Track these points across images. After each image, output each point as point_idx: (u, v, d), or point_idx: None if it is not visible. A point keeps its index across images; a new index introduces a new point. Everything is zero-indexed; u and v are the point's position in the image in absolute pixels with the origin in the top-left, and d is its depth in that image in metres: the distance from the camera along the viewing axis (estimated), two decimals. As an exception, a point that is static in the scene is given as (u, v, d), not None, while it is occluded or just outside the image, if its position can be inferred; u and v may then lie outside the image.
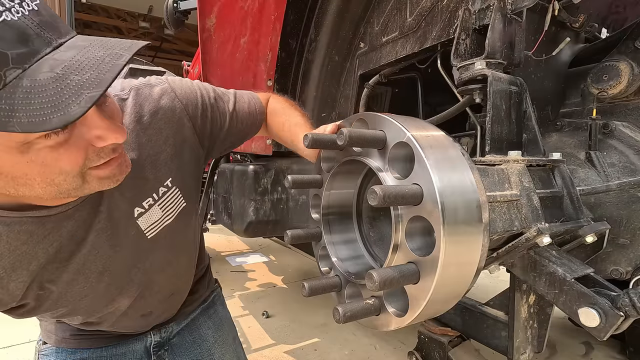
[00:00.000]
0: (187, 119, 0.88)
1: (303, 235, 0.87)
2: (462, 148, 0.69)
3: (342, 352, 2.66)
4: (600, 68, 1.26)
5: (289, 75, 1.93)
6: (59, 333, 1.04)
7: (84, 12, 10.94)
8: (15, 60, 0.49)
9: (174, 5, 3.95)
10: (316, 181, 0.87)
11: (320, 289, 0.79)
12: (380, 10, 1.60)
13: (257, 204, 2.21)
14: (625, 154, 1.18)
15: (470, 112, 1.24)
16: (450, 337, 1.37)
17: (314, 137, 0.75)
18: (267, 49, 1.80)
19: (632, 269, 1.13)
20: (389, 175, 0.69)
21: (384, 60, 1.57)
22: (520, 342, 1.08)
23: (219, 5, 1.84)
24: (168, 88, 0.87)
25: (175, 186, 0.88)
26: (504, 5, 1.08)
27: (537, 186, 0.93)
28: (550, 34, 1.37)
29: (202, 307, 1.26)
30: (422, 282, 0.62)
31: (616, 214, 1.12)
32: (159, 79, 0.89)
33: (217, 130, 0.96)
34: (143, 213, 0.84)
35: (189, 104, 0.88)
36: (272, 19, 1.72)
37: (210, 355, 1.20)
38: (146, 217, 0.85)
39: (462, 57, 1.12)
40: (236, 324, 3.03)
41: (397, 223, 0.65)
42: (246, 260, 4.95)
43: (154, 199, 0.85)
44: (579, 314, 0.81)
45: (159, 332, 1.14)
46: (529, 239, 0.86)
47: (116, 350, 1.08)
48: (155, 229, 0.88)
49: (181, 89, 0.89)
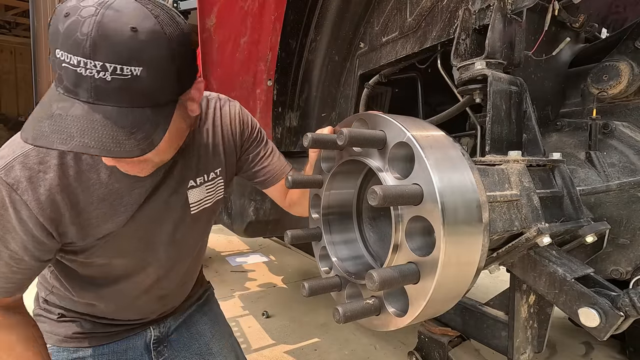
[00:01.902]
0: (239, 129, 1.10)
1: (303, 235, 0.88)
2: (462, 148, 0.69)
3: (342, 352, 2.66)
4: (600, 68, 1.26)
5: (289, 75, 1.93)
6: (61, 333, 1.04)
7: (84, 12, 10.93)
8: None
9: (174, 5, 3.95)
10: (316, 181, 0.87)
11: (320, 289, 0.79)
12: (380, 10, 1.60)
13: (257, 204, 2.21)
14: (625, 154, 1.18)
15: (470, 112, 1.24)
16: (450, 337, 1.37)
17: (314, 137, 0.75)
18: (267, 49, 1.80)
19: (632, 269, 1.13)
20: (389, 175, 0.69)
21: (384, 60, 1.57)
22: (520, 342, 1.08)
23: (219, 5, 1.84)
24: (238, 105, 1.12)
25: (222, 177, 1.08)
26: (504, 5, 1.07)
27: (537, 186, 0.93)
28: (550, 34, 1.37)
29: (198, 304, 1.31)
30: (422, 282, 0.62)
31: (616, 214, 1.12)
32: (233, 99, 1.13)
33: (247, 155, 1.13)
34: (194, 187, 1.02)
35: (245, 121, 1.11)
36: (272, 19, 1.72)
37: (208, 350, 1.23)
38: (195, 192, 1.02)
39: (462, 57, 1.12)
40: (236, 324, 3.04)
41: (397, 223, 0.65)
42: (246, 260, 4.94)
43: (204, 180, 1.03)
44: (579, 314, 0.81)
45: (158, 327, 1.17)
46: (529, 239, 0.86)
47: (117, 347, 1.10)
48: (198, 206, 1.05)
49: (245, 111, 1.13)
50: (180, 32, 0.73)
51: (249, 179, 1.17)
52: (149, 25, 0.67)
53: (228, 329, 1.35)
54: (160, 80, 0.70)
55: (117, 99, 0.66)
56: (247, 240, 5.74)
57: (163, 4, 0.74)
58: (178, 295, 1.19)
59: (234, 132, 1.08)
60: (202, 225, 1.12)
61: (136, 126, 0.68)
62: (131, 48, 0.64)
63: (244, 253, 5.30)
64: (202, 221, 1.09)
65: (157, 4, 0.72)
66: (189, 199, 1.02)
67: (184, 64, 0.75)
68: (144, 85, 0.67)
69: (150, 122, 0.70)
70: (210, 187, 1.06)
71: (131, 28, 0.64)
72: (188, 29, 0.77)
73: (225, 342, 1.29)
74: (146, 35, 0.66)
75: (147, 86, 0.68)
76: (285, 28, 1.75)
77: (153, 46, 0.67)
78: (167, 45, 0.69)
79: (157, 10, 0.70)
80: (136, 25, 0.65)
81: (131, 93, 0.67)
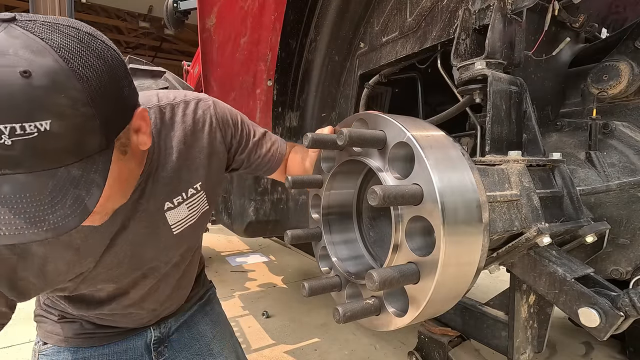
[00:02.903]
0: (220, 134, 0.98)
1: (303, 235, 0.87)
2: (462, 148, 0.69)
3: (342, 352, 2.66)
4: (600, 68, 1.26)
5: (289, 75, 1.93)
6: (61, 333, 1.04)
7: (84, 12, 10.93)
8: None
9: (174, 5, 3.95)
10: (316, 181, 0.87)
11: (320, 289, 0.79)
12: (380, 10, 1.60)
13: (257, 204, 2.21)
14: (625, 154, 1.18)
15: (470, 112, 1.24)
16: (450, 337, 1.37)
17: (314, 137, 0.75)
18: (267, 49, 1.80)
19: (632, 269, 1.12)
20: (389, 175, 0.69)
21: (384, 60, 1.57)
22: (520, 342, 1.08)
23: (219, 5, 1.84)
24: (212, 106, 0.98)
25: (203, 190, 0.97)
26: (504, 5, 1.07)
27: (537, 186, 0.93)
28: (550, 34, 1.37)
29: (199, 304, 1.29)
30: (422, 282, 0.62)
31: (616, 214, 1.12)
32: (205, 96, 1.00)
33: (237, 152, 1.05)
34: (172, 208, 0.93)
35: (224, 123, 0.99)
36: (272, 19, 1.72)
37: (209, 350, 1.22)
38: (174, 212, 0.93)
39: (462, 57, 1.12)
40: (236, 324, 3.04)
41: (397, 223, 0.65)
42: (246, 260, 4.95)
43: (182, 198, 0.94)
44: (579, 314, 0.81)
45: (159, 327, 1.17)
46: (529, 239, 0.86)
47: (118, 347, 1.09)
48: (181, 226, 0.96)
49: (222, 110, 1.00)
50: (97, 56, 0.58)
51: (250, 173, 1.13)
52: (47, 62, 0.52)
53: (229, 329, 1.35)
54: (79, 129, 0.55)
55: (28, 163, 0.52)
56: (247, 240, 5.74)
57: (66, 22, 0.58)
58: (175, 301, 1.17)
59: (213, 138, 0.96)
60: (190, 239, 1.04)
61: (60, 192, 0.55)
62: (28, 99, 0.50)
63: (244, 253, 5.30)
64: (190, 235, 1.01)
65: (55, 26, 0.56)
66: (169, 221, 0.93)
67: (111, 98, 0.60)
68: (58, 140, 0.53)
69: (79, 181, 0.57)
70: (192, 204, 0.96)
71: (22, 73, 0.49)
72: (110, 48, 0.62)
73: (226, 342, 1.28)
74: (44, 77, 0.51)
75: (64, 140, 0.53)
76: (285, 28, 1.75)
77: (57, 89, 0.52)
78: (76, 83, 0.54)
79: (56, 37, 0.54)
80: (28, 67, 0.50)
81: (44, 153, 0.52)
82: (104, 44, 0.61)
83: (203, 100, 0.97)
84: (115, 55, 0.63)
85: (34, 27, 0.54)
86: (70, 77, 0.53)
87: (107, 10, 11.51)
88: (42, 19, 0.56)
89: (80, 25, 0.60)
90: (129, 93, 0.66)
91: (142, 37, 12.94)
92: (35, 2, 5.39)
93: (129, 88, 0.66)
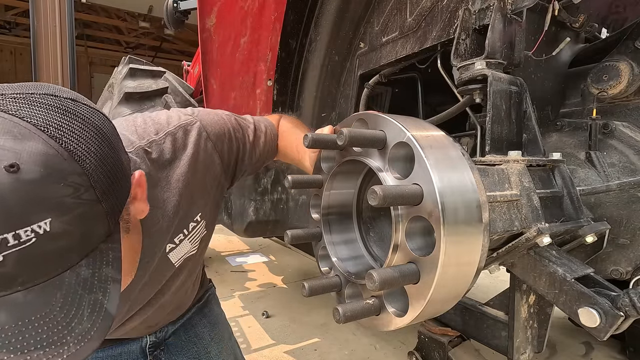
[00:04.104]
0: (217, 156, 0.91)
1: (303, 235, 0.87)
2: (462, 148, 0.69)
3: (342, 352, 2.66)
4: (600, 68, 1.26)
5: (289, 75, 1.93)
6: None
7: (84, 12, 10.94)
8: None
9: (174, 5, 3.95)
10: (316, 181, 0.87)
11: (320, 289, 0.79)
12: (380, 10, 1.60)
13: (257, 204, 2.21)
14: (625, 154, 1.18)
15: (470, 112, 1.24)
16: (450, 337, 1.37)
17: (313, 137, 0.75)
18: (267, 49, 1.80)
19: (632, 269, 1.12)
20: (389, 175, 0.69)
21: (384, 60, 1.57)
22: (520, 342, 1.08)
23: (219, 5, 1.84)
24: (201, 128, 0.88)
25: (203, 219, 0.93)
26: (504, 5, 1.07)
27: (537, 186, 0.93)
28: (550, 34, 1.36)
29: (198, 305, 1.27)
30: (422, 282, 0.62)
31: (616, 214, 1.12)
32: (189, 117, 0.88)
33: (239, 161, 1.01)
34: (174, 248, 0.88)
35: (218, 141, 0.92)
36: (272, 19, 1.72)
37: (207, 354, 1.20)
38: (177, 250, 0.89)
39: (462, 57, 1.12)
40: (236, 324, 3.04)
41: (397, 223, 0.65)
42: (246, 260, 4.95)
43: (184, 234, 0.88)
44: (579, 314, 0.81)
45: (155, 332, 1.14)
46: (529, 239, 0.86)
47: (112, 352, 1.07)
48: (182, 259, 0.93)
49: (212, 127, 0.91)
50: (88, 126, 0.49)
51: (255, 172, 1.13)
52: (35, 147, 0.42)
53: (228, 331, 1.32)
54: (84, 220, 0.46)
55: (26, 277, 0.42)
56: (247, 240, 5.74)
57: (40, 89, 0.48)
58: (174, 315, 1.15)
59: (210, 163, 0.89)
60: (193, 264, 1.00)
61: (73, 303, 0.45)
62: (20, 198, 0.40)
63: (244, 253, 5.30)
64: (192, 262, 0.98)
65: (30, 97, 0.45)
66: (171, 260, 0.88)
67: (111, 173, 0.50)
68: (60, 239, 0.43)
69: (92, 282, 0.47)
70: (193, 236, 0.91)
71: (7, 168, 0.39)
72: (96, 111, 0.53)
73: (224, 345, 1.26)
74: (36, 166, 0.41)
75: (67, 238, 0.44)
76: (285, 28, 1.75)
77: (54, 178, 0.42)
78: (75, 165, 0.45)
79: (37, 112, 0.45)
80: (13, 158, 0.40)
81: (44, 259, 0.42)
82: (89, 107, 0.52)
83: (189, 124, 0.86)
84: (103, 118, 0.54)
85: (6, 104, 0.43)
86: (66, 159, 0.44)
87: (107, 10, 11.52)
88: (10, 90, 0.46)
89: (56, 90, 0.50)
90: (125, 159, 0.57)
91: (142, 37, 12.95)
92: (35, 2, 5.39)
93: (124, 153, 0.58)
